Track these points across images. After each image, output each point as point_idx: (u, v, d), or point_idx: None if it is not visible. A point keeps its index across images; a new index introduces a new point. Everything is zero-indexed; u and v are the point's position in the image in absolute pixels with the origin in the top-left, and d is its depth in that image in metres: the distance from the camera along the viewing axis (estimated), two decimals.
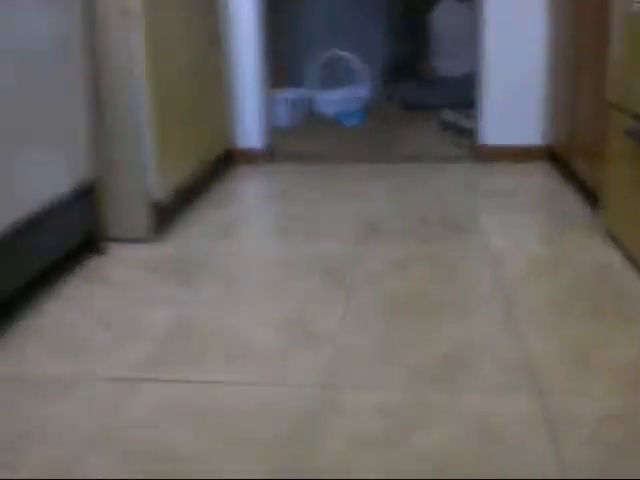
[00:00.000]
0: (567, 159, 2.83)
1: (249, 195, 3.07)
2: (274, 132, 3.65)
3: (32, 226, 1.86)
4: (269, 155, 3.43)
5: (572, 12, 2.78)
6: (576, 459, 1.22)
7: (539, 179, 3.03)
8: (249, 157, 3.34)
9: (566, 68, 2.89)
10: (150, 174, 2.30)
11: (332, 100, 4.47)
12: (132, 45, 2.19)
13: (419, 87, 4.64)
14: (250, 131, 3.36)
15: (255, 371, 1.55)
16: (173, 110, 2.48)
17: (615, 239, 2.18)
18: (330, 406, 1.41)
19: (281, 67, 4.76)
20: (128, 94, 2.22)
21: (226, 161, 3.18)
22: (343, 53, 4.63)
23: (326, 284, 2.00)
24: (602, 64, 2.27)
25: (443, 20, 4.63)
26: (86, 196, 2.15)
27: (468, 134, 3.51)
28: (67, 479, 1.21)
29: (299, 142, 3.74)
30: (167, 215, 2.45)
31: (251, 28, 3.28)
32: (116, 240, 2.29)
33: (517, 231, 2.42)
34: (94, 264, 2.18)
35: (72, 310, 1.87)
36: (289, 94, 4.30)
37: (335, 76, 4.71)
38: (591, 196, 2.49)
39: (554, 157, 3.10)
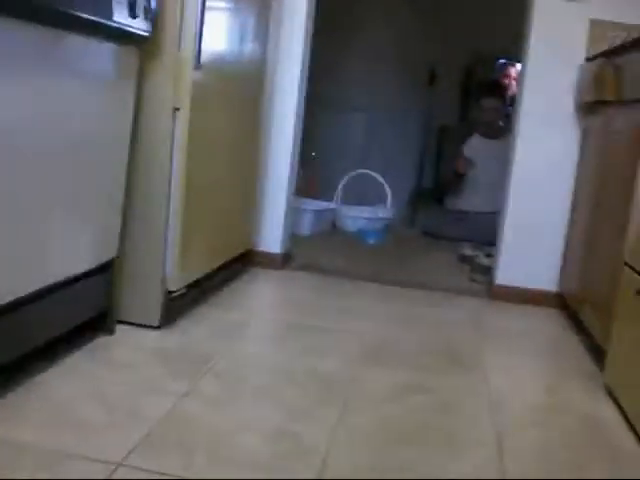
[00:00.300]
0: (577, 309, 2.86)
1: (259, 299, 3.10)
2: (295, 240, 3.73)
3: (51, 296, 1.91)
4: (285, 261, 3.49)
5: (598, 164, 2.87)
6: None
7: (548, 325, 3.06)
8: (267, 261, 3.40)
9: (586, 219, 2.95)
10: (169, 264, 2.35)
11: (355, 216, 4.57)
12: (175, 141, 2.28)
13: (443, 217, 4.73)
14: (271, 235, 3.43)
15: (242, 476, 1.55)
16: (202, 206, 2.55)
17: (615, 396, 2.19)
18: None
19: (312, 177, 4.91)
20: (163, 187, 2.29)
21: (244, 261, 3.24)
22: (372, 173, 4.76)
23: (321, 398, 2.01)
24: (623, 221, 2.32)
25: (472, 153, 4.77)
26: (104, 274, 2.21)
27: (485, 271, 3.56)
28: None
29: (317, 254, 3.80)
30: (179, 306, 2.49)
31: (289, 133, 3.39)
32: (126, 323, 2.33)
33: (518, 374, 2.43)
34: (101, 343, 2.21)
35: (72, 384, 1.89)
36: (315, 205, 4.40)
37: (362, 194, 4.84)
38: (597, 349, 2.51)
39: (565, 305, 3.14)
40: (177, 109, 2.27)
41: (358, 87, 5.39)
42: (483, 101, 4.75)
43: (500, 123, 4.78)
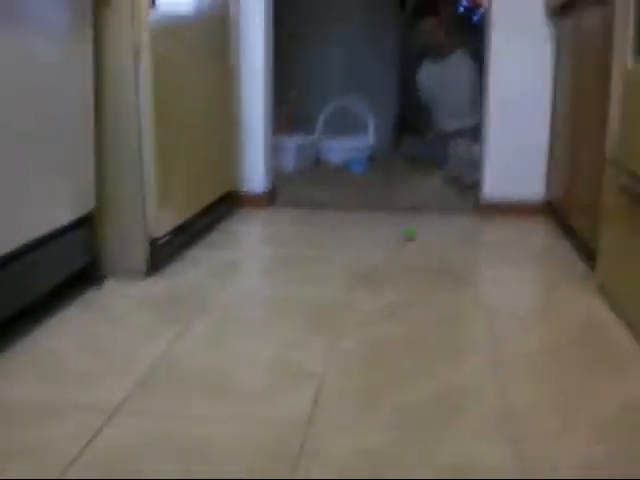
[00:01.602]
0: (566, 214, 2.86)
1: (248, 237, 3.09)
2: (279, 177, 3.70)
3: (32, 253, 1.89)
4: (271, 199, 3.47)
5: (575, 67, 2.83)
6: None
7: (538, 233, 3.05)
8: (252, 200, 3.38)
9: (567, 124, 2.93)
10: (150, 210, 2.33)
11: (338, 148, 4.53)
12: (140, 81, 2.24)
13: (425, 141, 4.70)
14: (254, 174, 3.40)
15: (238, 407, 1.56)
16: (177, 148, 2.52)
17: (608, 294, 2.19)
18: (311, 445, 1.41)
19: (289, 113, 4.85)
20: (133, 129, 2.25)
21: (229, 203, 3.21)
22: (351, 102, 4.69)
23: (316, 326, 2.01)
24: (602, 121, 2.30)
25: (428, 80, 4.73)
26: (85, 227, 2.18)
27: (471, 187, 3.54)
28: None
29: (303, 188, 3.77)
30: (166, 252, 2.48)
31: (259, 73, 3.34)
32: (113, 273, 2.32)
33: (513, 283, 2.43)
34: (90, 296, 2.19)
35: (63, 338, 1.89)
36: (296, 140, 4.35)
37: (343, 124, 4.78)
38: (587, 251, 2.50)
39: (554, 212, 3.13)
40: (138, 50, 2.22)
41: (332, 21, 5.28)
42: (421, 24, 4.63)
43: (444, 39, 4.63)
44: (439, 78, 4.65)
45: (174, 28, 2.48)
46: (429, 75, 4.74)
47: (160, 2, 2.29)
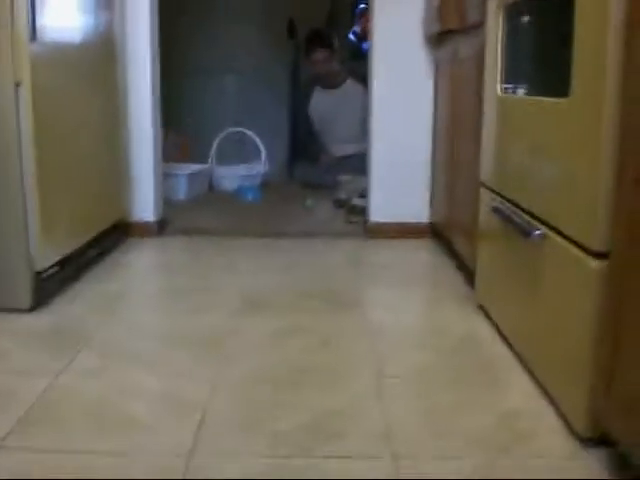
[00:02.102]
0: (449, 235, 2.96)
1: (136, 268, 3.06)
2: (171, 206, 3.70)
3: None
4: (161, 228, 3.45)
5: (452, 93, 2.95)
6: None
7: (423, 255, 3.15)
8: (142, 230, 3.36)
9: (445, 148, 3.04)
10: (33, 243, 2.29)
11: (231, 175, 4.56)
12: (21, 112, 2.21)
13: (318, 167, 4.78)
14: (144, 204, 3.38)
15: (120, 440, 1.55)
16: (61, 178, 2.49)
17: (485, 312, 2.28)
18: (192, 473, 1.42)
19: (184, 142, 4.85)
20: (14, 160, 2.22)
21: (118, 232, 3.19)
22: (243, 130, 4.73)
23: (201, 355, 2.02)
24: (476, 145, 2.40)
25: (318, 108, 4.84)
26: None
27: (360, 211, 3.62)
28: None
29: (195, 216, 3.77)
30: (52, 286, 2.44)
31: (147, 100, 3.33)
32: None
33: (397, 304, 2.50)
34: None
35: None
36: (189, 168, 4.36)
37: (236, 152, 4.81)
38: (469, 272, 2.60)
39: (438, 233, 3.23)
40: (18, 84, 2.20)
41: (223, 49, 5.31)
42: (311, 55, 4.72)
43: (336, 70, 4.75)
44: (330, 106, 4.75)
45: (57, 58, 2.46)
46: (320, 103, 4.83)
47: (43, 30, 2.27)
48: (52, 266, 2.43)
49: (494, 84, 2.20)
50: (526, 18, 2.09)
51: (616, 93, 1.38)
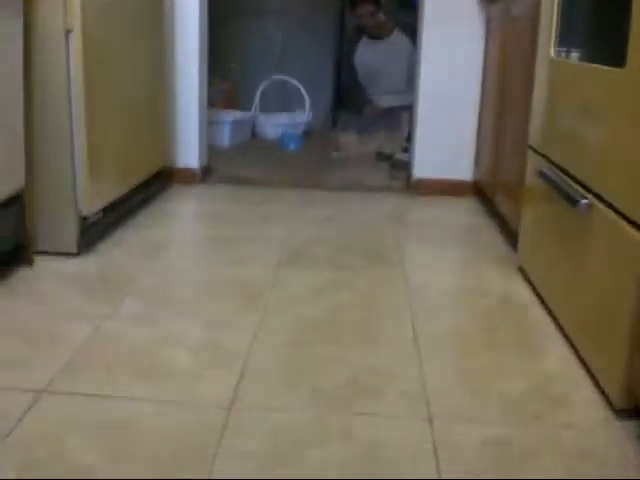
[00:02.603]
0: (491, 195, 2.94)
1: (180, 215, 3.11)
2: (214, 153, 3.71)
3: None
4: (205, 175, 3.48)
5: (503, 52, 2.90)
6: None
7: (465, 213, 3.14)
8: (186, 176, 3.39)
9: (493, 108, 3.01)
10: (80, 189, 2.33)
11: (274, 124, 4.55)
12: (71, 59, 2.23)
13: (362, 117, 4.75)
14: (188, 150, 3.41)
15: (163, 387, 1.60)
16: (109, 125, 2.51)
17: (525, 275, 2.28)
18: (232, 425, 1.46)
19: (230, 89, 4.84)
20: (63, 106, 2.25)
21: (163, 179, 3.22)
22: (288, 78, 4.71)
23: (243, 306, 2.06)
24: (525, 107, 2.37)
25: (363, 59, 4.77)
26: (15, 206, 2.18)
27: (403, 166, 3.61)
28: None
29: (237, 165, 3.79)
30: (98, 231, 2.49)
31: (195, 46, 3.33)
32: (44, 253, 2.32)
33: (436, 263, 2.50)
34: (21, 275, 2.20)
35: None
36: (233, 116, 4.36)
37: (280, 101, 4.80)
38: (511, 232, 2.59)
39: (482, 192, 3.22)
40: (69, 31, 2.22)
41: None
42: (357, 8, 4.66)
43: (382, 21, 4.67)
44: (376, 57, 4.70)
45: (106, 5, 2.46)
46: (367, 53, 4.78)
47: None
48: (98, 211, 2.47)
49: (548, 46, 2.16)
50: None
51: None
